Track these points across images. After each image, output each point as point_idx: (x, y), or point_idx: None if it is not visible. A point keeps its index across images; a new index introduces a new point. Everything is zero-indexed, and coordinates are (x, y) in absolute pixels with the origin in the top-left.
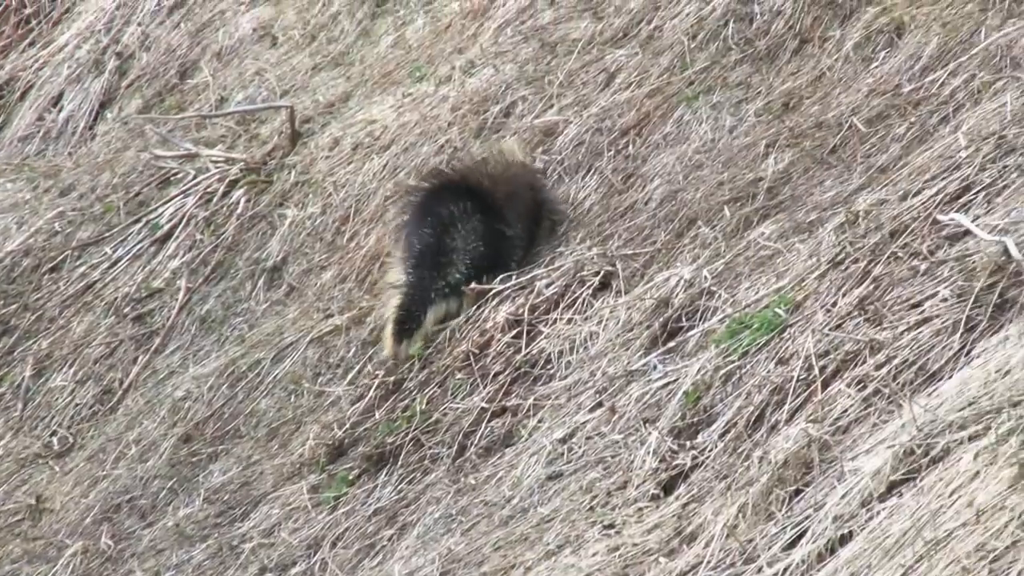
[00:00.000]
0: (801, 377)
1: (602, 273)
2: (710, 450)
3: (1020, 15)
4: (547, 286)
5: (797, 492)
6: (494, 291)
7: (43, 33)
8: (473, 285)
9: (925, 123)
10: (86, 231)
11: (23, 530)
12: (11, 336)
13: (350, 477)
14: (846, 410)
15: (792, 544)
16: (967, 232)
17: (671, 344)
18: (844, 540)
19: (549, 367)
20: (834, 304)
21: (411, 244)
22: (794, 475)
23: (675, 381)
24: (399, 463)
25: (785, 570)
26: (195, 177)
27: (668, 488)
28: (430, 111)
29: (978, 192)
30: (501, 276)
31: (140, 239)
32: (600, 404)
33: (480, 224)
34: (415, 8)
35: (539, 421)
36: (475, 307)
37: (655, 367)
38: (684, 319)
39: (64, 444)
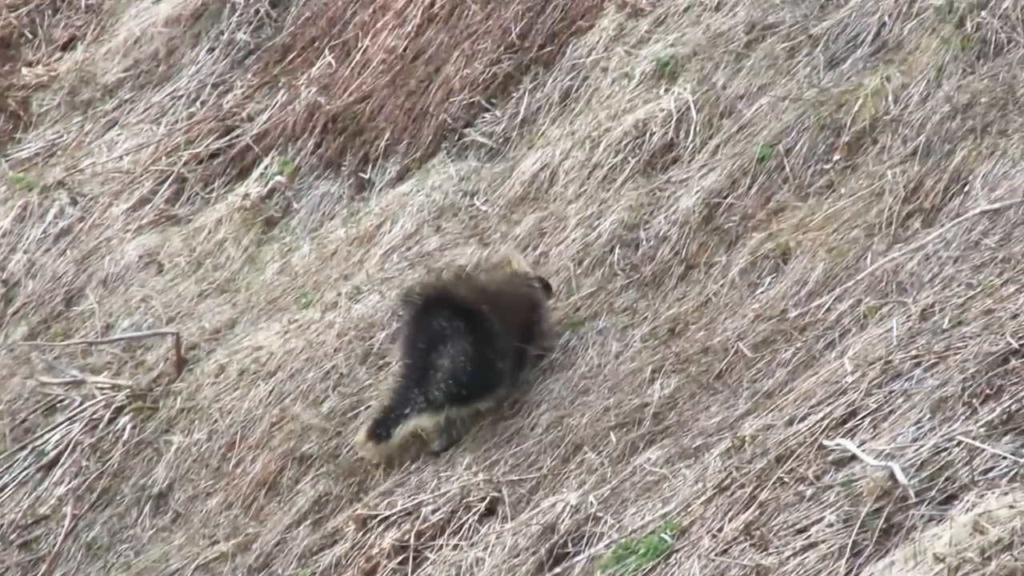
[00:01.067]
0: None
1: (488, 499)
2: None
3: (905, 240)
4: (433, 512)
5: None
6: (380, 516)
7: None
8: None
9: (811, 348)
10: None
11: None
12: None
13: None
14: None
15: None
16: (853, 457)
17: (557, 570)
18: None
19: None
20: (720, 529)
21: (403, 355)
22: None
23: None
24: None
25: None
26: (81, 404)
27: None
28: (316, 337)
29: (864, 417)
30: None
31: (26, 466)
32: None
33: (471, 347)
34: (301, 235)
35: None
36: (361, 533)
37: None
38: (570, 545)
39: None
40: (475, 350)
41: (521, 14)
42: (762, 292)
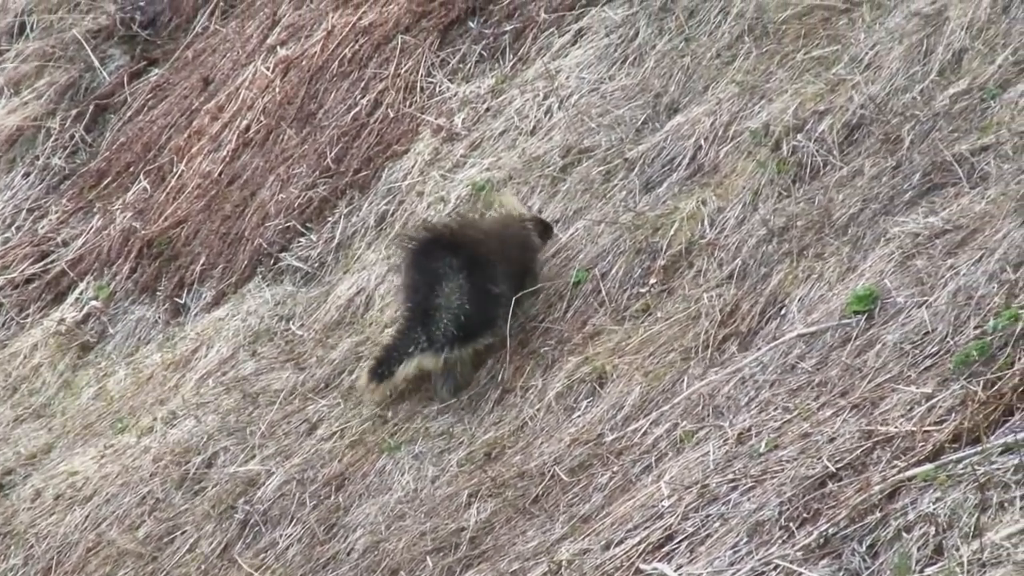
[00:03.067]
0: None
1: None
2: None
3: (722, 364)
4: None
5: None
6: None
7: None
8: None
9: (628, 472)
10: None
11: None
12: None
13: None
14: None
15: None
16: None
17: None
18: None
19: None
20: None
21: (404, 299)
22: None
23: None
24: None
25: None
26: None
27: None
28: (132, 462)
29: (681, 541)
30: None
31: None
32: None
33: (466, 282)
34: (117, 360)
35: None
36: None
37: None
38: None
39: None
40: (472, 288)
41: (336, 139)
42: (579, 416)
